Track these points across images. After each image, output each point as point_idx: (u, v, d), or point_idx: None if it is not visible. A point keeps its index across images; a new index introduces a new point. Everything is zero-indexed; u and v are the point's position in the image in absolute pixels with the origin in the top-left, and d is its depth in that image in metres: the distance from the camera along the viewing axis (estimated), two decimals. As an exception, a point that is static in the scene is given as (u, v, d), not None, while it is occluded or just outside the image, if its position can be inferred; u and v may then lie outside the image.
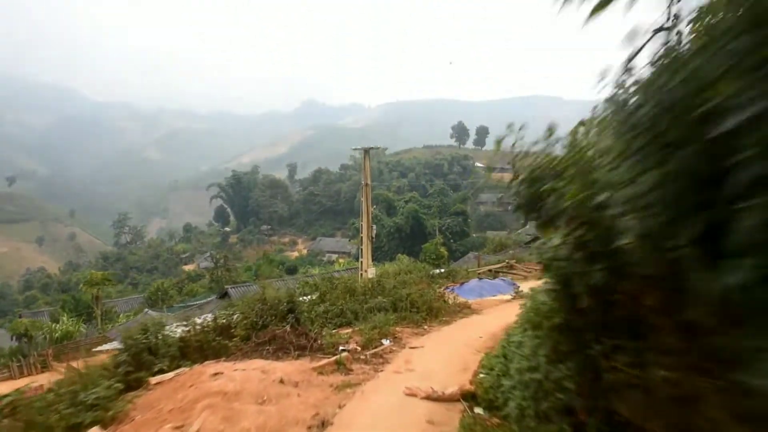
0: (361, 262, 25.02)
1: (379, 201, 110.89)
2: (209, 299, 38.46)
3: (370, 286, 15.64)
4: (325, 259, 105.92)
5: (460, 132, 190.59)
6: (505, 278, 32.60)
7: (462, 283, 30.26)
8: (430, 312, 13.84)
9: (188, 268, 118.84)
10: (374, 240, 25.31)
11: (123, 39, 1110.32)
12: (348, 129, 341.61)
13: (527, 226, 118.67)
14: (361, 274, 25.29)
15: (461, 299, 21.37)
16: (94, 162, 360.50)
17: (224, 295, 35.58)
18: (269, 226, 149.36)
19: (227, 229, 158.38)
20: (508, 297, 28.41)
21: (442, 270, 35.23)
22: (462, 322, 14.14)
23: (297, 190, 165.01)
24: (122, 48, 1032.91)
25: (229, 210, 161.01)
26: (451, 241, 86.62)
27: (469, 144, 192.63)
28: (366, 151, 24.57)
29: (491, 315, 15.36)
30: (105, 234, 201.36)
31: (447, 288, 30.20)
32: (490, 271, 35.68)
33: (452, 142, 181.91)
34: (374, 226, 24.26)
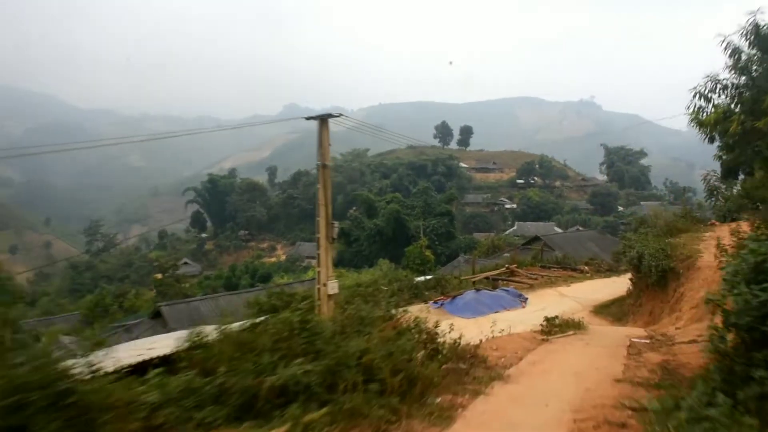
0: (318, 272, 18.16)
1: (359, 202, 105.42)
2: (138, 320, 31.41)
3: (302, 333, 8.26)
4: (304, 264, 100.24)
5: (443, 132, 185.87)
6: (507, 288, 25.98)
7: (454, 297, 23.73)
8: (408, 388, 6.82)
9: (162, 276, 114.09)
10: (335, 241, 18.27)
11: (105, 45, 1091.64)
12: (331, 132, 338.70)
13: (515, 227, 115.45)
14: (319, 290, 18.47)
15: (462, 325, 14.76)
16: (75, 169, 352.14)
17: (157, 314, 28.66)
18: (247, 231, 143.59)
19: (204, 235, 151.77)
20: (518, 311, 22.01)
21: (429, 277, 28.54)
22: (482, 408, 7.00)
23: (276, 193, 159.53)
24: (104, 54, 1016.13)
25: (205, 215, 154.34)
26: (436, 243, 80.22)
27: (453, 144, 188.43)
28: (323, 120, 17.82)
29: (536, 380, 8.45)
30: (82, 242, 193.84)
31: (435, 303, 23.62)
32: (487, 278, 29.04)
33: (436, 142, 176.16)
34: (336, 224, 17.41)
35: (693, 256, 16.42)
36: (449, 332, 9.77)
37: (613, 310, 21.98)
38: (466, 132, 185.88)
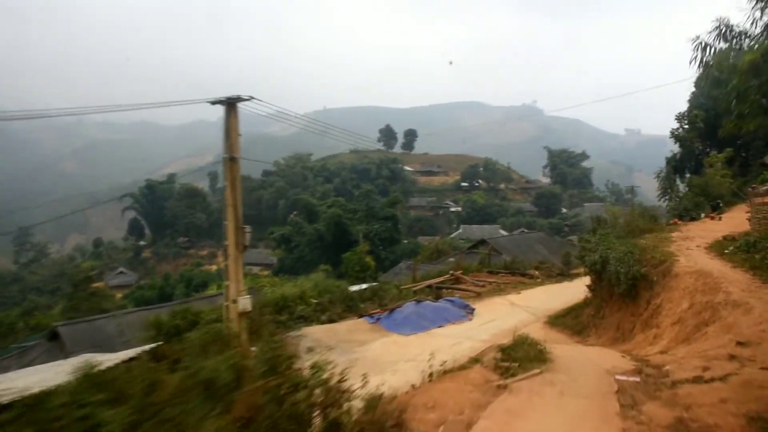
0: (227, 286, 14.95)
1: (299, 207, 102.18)
2: (33, 342, 27.21)
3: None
4: (245, 271, 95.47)
5: (387, 136, 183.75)
6: (452, 298, 23.16)
7: (392, 310, 20.77)
8: None
9: (96, 286, 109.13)
10: (246, 249, 15.08)
11: (40, 46, 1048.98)
12: (275, 137, 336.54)
13: (461, 230, 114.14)
14: (227, 307, 15.32)
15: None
16: (2, 177, 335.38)
17: (54, 336, 24.66)
18: (187, 238, 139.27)
19: (142, 242, 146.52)
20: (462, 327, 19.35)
21: (365, 287, 25.57)
22: None
23: (217, 198, 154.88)
24: (39, 56, 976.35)
25: (143, 222, 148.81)
26: (380, 248, 77.47)
27: (398, 148, 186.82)
28: (230, 104, 14.66)
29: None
30: (11, 253, 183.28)
31: (370, 317, 20.69)
32: (430, 287, 26.19)
33: (380, 146, 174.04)
34: (248, 228, 14.15)
35: (668, 261, 13.95)
36: (363, 384, 6.62)
37: (569, 322, 19.42)
38: (411, 135, 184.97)
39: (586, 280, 19.66)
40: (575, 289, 22.24)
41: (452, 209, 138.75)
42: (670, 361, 9.15)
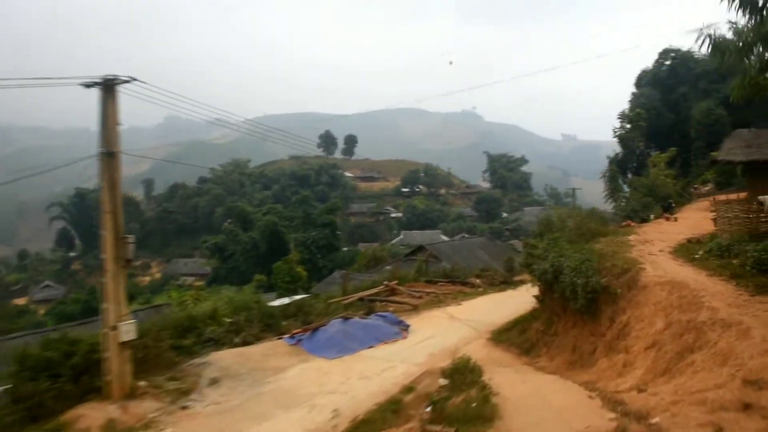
0: (105, 309, 11.95)
1: (233, 214, 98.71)
2: None
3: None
4: (178, 282, 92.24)
5: (327, 142, 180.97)
6: (385, 313, 20.61)
7: (315, 329, 18.08)
8: None
9: (21, 301, 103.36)
10: (129, 263, 12.09)
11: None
12: (214, 144, 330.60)
13: (401, 236, 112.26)
14: (105, 335, 12.39)
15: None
16: None
17: None
18: None
19: (72, 254, 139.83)
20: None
21: (287, 302, 22.78)
22: None
23: (151, 207, 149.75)
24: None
25: (73, 232, 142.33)
26: (318, 256, 74.70)
27: (338, 154, 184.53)
28: (107, 88, 11.72)
29: None
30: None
31: (290, 338, 18.01)
32: (362, 299, 23.56)
33: (320, 152, 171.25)
34: (131, 238, 11.13)
35: (632, 269, 11.76)
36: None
37: (516, 338, 17.14)
38: (351, 141, 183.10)
39: (532, 288, 17.42)
40: (520, 298, 20.06)
41: (393, 215, 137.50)
42: (656, 407, 6.81)
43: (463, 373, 13.37)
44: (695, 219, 19.31)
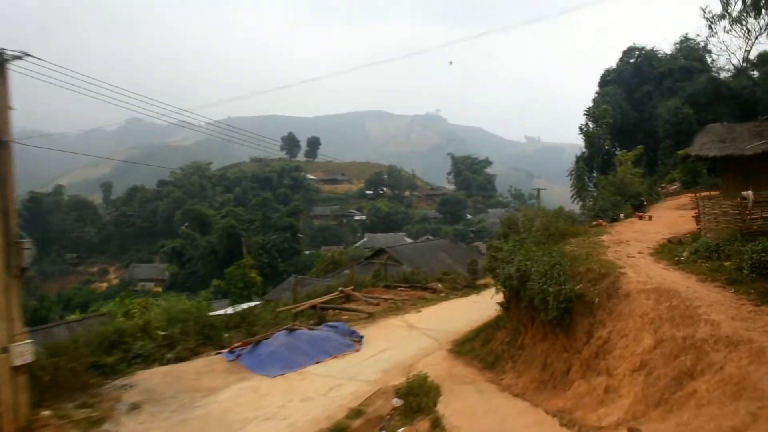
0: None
1: (191, 217, 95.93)
2: None
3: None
4: (137, 288, 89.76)
5: (290, 144, 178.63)
6: (335, 323, 18.79)
7: (257, 342, 16.20)
8: None
9: None
10: (24, 272, 9.94)
11: None
12: (177, 147, 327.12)
13: (365, 239, 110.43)
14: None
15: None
16: None
17: None
18: (75, 254, 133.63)
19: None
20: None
21: (231, 311, 20.75)
22: None
23: (110, 211, 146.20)
24: None
25: (27, 238, 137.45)
26: (278, 260, 72.48)
27: (301, 156, 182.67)
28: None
29: None
30: None
31: (229, 353, 16.13)
32: (314, 307, 21.65)
33: (283, 154, 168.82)
34: (27, 242, 8.94)
35: (611, 274, 10.15)
36: None
37: (479, 349, 15.51)
38: (314, 143, 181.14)
39: (497, 295, 15.81)
40: (484, 304, 18.37)
41: (357, 218, 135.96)
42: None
43: (417, 395, 11.73)
44: (670, 217, 18.05)
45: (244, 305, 23.82)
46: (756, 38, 44.41)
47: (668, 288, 8.78)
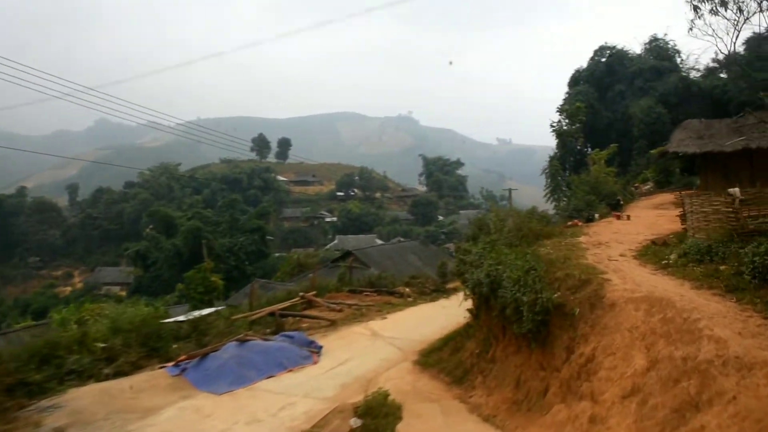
0: None
1: (156, 219, 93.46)
2: None
3: None
4: (102, 292, 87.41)
5: (261, 145, 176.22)
6: (292, 332, 17.40)
7: (205, 355, 14.74)
8: None
9: None
10: None
11: None
12: (147, 149, 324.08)
13: (336, 241, 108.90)
14: None
15: None
16: None
17: None
18: (38, 258, 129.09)
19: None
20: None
21: (182, 319, 19.17)
22: None
23: (75, 213, 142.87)
24: None
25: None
26: (246, 263, 70.71)
27: (271, 157, 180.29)
28: None
29: None
30: None
31: (174, 367, 14.64)
32: (273, 314, 20.19)
33: (253, 155, 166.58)
34: None
35: (593, 281, 8.94)
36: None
37: (447, 360, 14.27)
38: (284, 145, 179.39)
39: (466, 302, 14.57)
40: (453, 309, 17.07)
41: (327, 219, 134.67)
42: None
43: (377, 416, 10.45)
44: (648, 217, 17.10)
45: (205, 311, 22.24)
46: (747, 19, 43.75)
47: (660, 297, 7.58)
